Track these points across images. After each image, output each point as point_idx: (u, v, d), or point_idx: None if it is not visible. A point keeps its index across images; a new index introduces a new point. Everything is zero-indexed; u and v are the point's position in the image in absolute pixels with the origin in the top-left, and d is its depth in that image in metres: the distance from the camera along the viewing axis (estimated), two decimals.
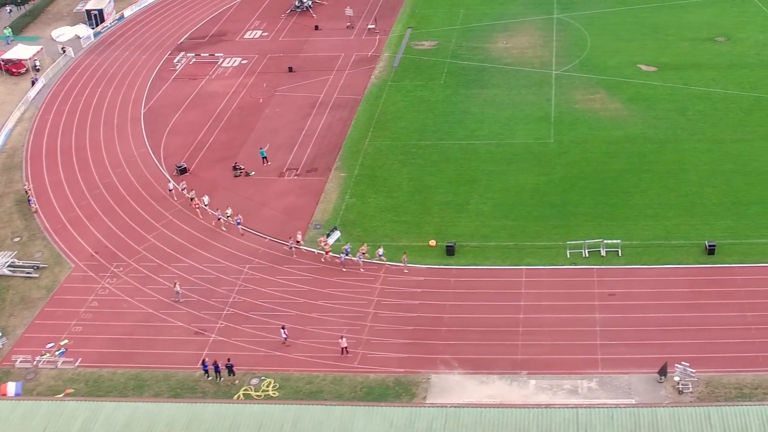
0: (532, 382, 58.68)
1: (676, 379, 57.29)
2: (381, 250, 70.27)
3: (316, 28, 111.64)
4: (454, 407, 48.31)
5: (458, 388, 58.59)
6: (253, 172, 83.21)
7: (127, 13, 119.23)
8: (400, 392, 58.49)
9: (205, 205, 77.96)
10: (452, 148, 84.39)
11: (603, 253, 69.35)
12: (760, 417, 46.46)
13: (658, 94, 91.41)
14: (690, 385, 57.16)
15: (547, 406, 48.94)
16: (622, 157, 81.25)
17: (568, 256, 69.33)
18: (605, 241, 69.59)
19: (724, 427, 46.43)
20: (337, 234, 73.63)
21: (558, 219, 73.72)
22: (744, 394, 56.45)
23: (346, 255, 70.31)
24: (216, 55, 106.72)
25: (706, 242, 68.96)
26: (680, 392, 57.02)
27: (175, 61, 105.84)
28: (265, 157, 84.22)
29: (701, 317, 62.89)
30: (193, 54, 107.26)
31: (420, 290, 67.48)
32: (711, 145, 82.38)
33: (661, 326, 62.33)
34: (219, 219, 75.87)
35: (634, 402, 56.13)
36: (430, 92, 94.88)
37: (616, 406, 49.98)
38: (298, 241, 72.86)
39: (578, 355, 60.40)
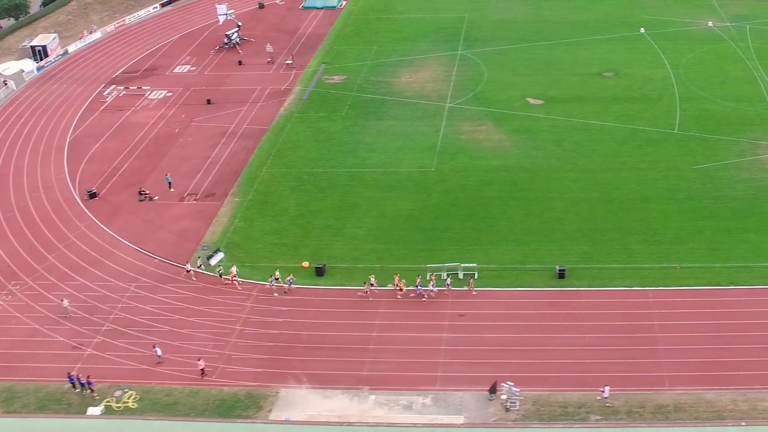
0: (372, 397, 57.03)
1: (504, 397, 55.73)
2: (447, 277, 67.00)
3: (240, 63, 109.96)
4: (263, 423, 47.15)
5: (303, 401, 56.91)
6: (156, 197, 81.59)
7: (72, 49, 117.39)
8: (249, 405, 56.62)
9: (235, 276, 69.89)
10: (341, 176, 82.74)
11: (460, 276, 67.83)
12: None
13: (541, 126, 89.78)
14: (517, 403, 55.56)
15: (349, 424, 47.40)
16: (496, 185, 79.71)
17: (428, 279, 67.79)
18: (463, 265, 67.99)
19: None
20: (220, 255, 72.08)
21: (425, 243, 72.16)
22: (567, 413, 55.05)
23: (419, 286, 66.75)
24: (143, 88, 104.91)
25: (557, 266, 67.53)
26: (507, 410, 55.43)
27: (105, 93, 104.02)
28: (170, 183, 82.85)
29: (542, 338, 61.43)
30: (123, 87, 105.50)
31: (286, 308, 65.95)
32: (581, 174, 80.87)
33: (503, 346, 60.90)
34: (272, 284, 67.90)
35: (461, 418, 54.65)
36: (331, 123, 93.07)
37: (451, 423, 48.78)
38: None
39: (419, 372, 58.87)
